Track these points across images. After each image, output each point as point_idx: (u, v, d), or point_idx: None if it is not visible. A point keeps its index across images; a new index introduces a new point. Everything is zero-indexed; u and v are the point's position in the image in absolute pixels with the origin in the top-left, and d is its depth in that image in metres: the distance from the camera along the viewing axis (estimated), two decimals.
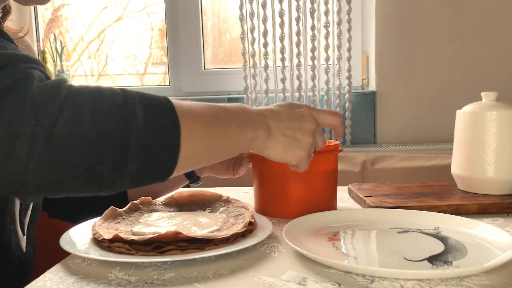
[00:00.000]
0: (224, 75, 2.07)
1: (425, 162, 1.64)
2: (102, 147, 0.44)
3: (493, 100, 0.86)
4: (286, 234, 0.61)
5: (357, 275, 0.52)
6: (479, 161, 0.83)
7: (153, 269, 0.55)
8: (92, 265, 0.58)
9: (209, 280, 0.52)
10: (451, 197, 0.82)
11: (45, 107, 0.43)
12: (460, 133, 0.87)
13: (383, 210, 0.75)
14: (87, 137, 0.44)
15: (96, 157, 0.44)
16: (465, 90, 1.84)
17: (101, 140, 0.44)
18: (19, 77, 0.45)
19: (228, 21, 2.15)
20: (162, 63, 2.22)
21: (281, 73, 1.86)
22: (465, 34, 1.86)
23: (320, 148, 0.66)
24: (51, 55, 2.11)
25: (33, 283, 0.53)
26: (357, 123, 1.91)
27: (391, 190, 0.88)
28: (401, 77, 1.90)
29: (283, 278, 0.52)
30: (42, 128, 0.42)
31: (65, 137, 0.43)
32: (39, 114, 0.43)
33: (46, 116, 0.43)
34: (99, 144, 0.44)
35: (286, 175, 0.76)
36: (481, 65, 1.86)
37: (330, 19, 1.83)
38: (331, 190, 0.80)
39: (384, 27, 1.88)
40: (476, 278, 0.50)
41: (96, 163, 0.45)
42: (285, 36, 1.84)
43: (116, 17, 2.22)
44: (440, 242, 0.61)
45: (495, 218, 0.75)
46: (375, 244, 0.64)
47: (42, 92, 0.44)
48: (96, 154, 0.44)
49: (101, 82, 2.26)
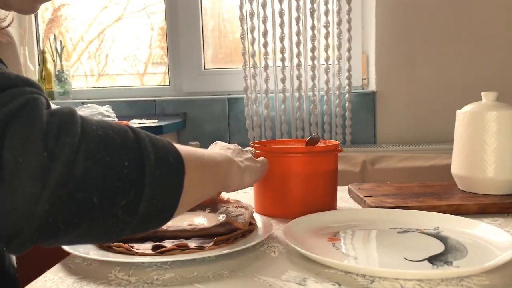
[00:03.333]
0: (224, 75, 2.07)
1: (425, 162, 1.64)
2: (120, 183, 0.40)
3: (493, 100, 0.86)
4: (286, 234, 0.61)
5: (357, 275, 0.52)
6: (479, 161, 0.83)
7: (153, 269, 0.55)
8: (92, 265, 0.58)
9: (209, 280, 0.52)
10: (451, 197, 0.82)
11: (59, 137, 0.38)
12: (460, 133, 0.87)
13: (383, 210, 0.75)
14: (105, 173, 0.39)
15: (113, 196, 0.40)
16: (465, 90, 1.84)
17: (119, 176, 0.40)
18: (27, 101, 0.38)
19: (228, 21, 2.15)
20: (162, 63, 2.22)
21: (281, 73, 1.86)
22: (465, 34, 1.86)
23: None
24: (51, 55, 2.11)
25: (33, 283, 0.53)
26: (357, 123, 1.91)
27: (391, 190, 0.88)
28: (401, 77, 1.90)
29: (283, 278, 0.52)
30: (57, 162, 0.37)
31: (84, 173, 0.38)
32: (52, 145, 0.37)
33: (61, 149, 0.37)
34: (118, 180, 0.40)
35: (286, 175, 0.76)
36: (481, 65, 1.86)
37: (330, 19, 1.83)
38: (331, 190, 0.80)
39: (384, 27, 1.88)
40: (476, 278, 0.50)
41: (113, 203, 0.40)
42: (285, 36, 1.84)
43: (116, 17, 2.22)
44: (440, 242, 0.61)
45: (495, 218, 0.75)
46: (375, 244, 0.64)
47: (54, 120, 0.38)
48: (114, 192, 0.40)
49: (101, 82, 2.26)
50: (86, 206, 0.39)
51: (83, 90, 2.20)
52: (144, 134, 0.45)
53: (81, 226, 0.40)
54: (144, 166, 0.42)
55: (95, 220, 0.40)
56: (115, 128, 0.43)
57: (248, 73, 1.87)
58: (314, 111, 1.86)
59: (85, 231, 0.41)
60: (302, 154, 0.77)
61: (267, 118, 1.88)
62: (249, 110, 1.89)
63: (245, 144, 0.79)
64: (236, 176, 0.62)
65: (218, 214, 0.73)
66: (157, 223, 0.47)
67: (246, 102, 1.88)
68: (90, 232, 0.41)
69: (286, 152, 0.78)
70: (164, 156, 0.45)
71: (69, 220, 0.39)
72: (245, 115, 1.90)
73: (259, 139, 1.89)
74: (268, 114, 1.87)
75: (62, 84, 2.09)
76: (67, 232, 0.39)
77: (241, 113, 1.94)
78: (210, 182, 0.55)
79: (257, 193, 0.81)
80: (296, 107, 1.87)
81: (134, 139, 0.43)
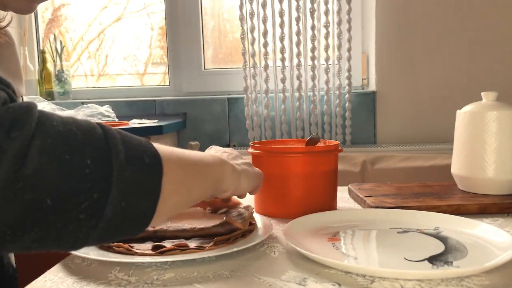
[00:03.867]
0: (224, 75, 2.07)
1: (425, 162, 1.64)
2: (80, 184, 0.36)
3: (493, 100, 0.86)
4: (286, 234, 0.61)
5: (357, 275, 0.52)
6: (479, 161, 0.83)
7: (153, 269, 0.55)
8: (92, 265, 0.58)
9: (209, 280, 0.52)
10: (451, 197, 0.82)
11: (10, 132, 0.34)
12: (460, 133, 0.87)
13: (383, 210, 0.75)
14: (63, 173, 0.36)
15: (72, 197, 0.36)
16: (465, 90, 1.84)
17: (80, 176, 0.36)
18: None
19: (228, 21, 2.15)
20: (162, 63, 2.22)
21: (281, 73, 1.86)
22: (465, 34, 1.86)
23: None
24: (51, 55, 2.11)
25: (33, 283, 0.53)
26: (357, 123, 1.91)
27: (391, 190, 0.88)
28: (401, 77, 1.90)
29: (283, 278, 0.52)
30: (4, 158, 0.33)
31: (37, 171, 0.34)
32: (1, 140, 0.33)
33: (10, 144, 0.34)
34: (77, 180, 0.36)
35: (286, 175, 0.76)
36: (481, 65, 1.86)
37: (330, 19, 1.83)
38: (331, 190, 0.80)
39: (384, 27, 1.88)
40: (476, 278, 0.50)
41: (72, 206, 0.36)
42: (285, 36, 1.84)
43: (116, 17, 2.22)
44: (440, 242, 0.61)
45: (495, 218, 0.75)
46: (375, 244, 0.64)
47: (7, 115, 0.35)
48: (73, 193, 0.36)
49: (101, 82, 2.26)
50: (38, 209, 0.35)
51: (83, 90, 2.20)
52: (115, 132, 0.41)
53: (34, 230, 0.35)
54: (111, 165, 0.38)
55: (51, 224, 0.36)
56: (81, 124, 0.39)
57: (248, 73, 1.87)
58: (314, 111, 1.86)
59: (41, 236, 0.36)
60: (302, 154, 0.77)
61: (267, 118, 1.88)
62: (249, 110, 1.89)
63: (245, 144, 0.79)
64: (231, 179, 0.58)
65: (218, 214, 0.73)
66: (133, 229, 0.42)
67: (246, 102, 1.88)
68: (48, 237, 0.37)
69: (286, 152, 0.78)
70: (138, 155, 0.41)
71: (17, 224, 0.35)
72: (245, 115, 1.90)
73: (259, 139, 1.89)
74: (268, 114, 1.87)
75: (62, 84, 2.09)
76: (16, 237, 0.35)
77: (241, 113, 1.94)
78: (198, 185, 0.51)
79: (257, 193, 0.81)
80: (296, 107, 1.87)
81: (101, 136, 0.39)
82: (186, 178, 0.48)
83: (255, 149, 0.79)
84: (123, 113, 1.97)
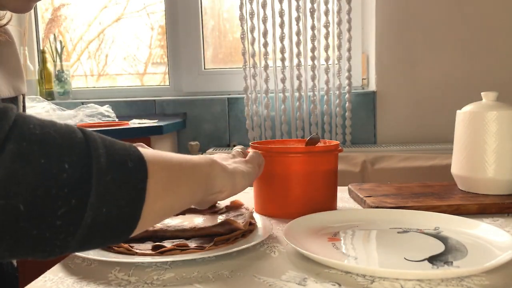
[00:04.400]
0: (224, 75, 2.07)
1: (425, 162, 1.64)
2: (57, 190, 0.35)
3: (493, 100, 0.86)
4: (286, 234, 0.61)
5: (357, 275, 0.52)
6: (479, 161, 0.83)
7: (153, 269, 0.55)
8: (92, 265, 0.58)
9: (209, 280, 0.52)
10: (451, 197, 0.82)
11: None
12: (460, 133, 0.87)
13: (383, 210, 0.75)
14: (37, 177, 0.34)
15: (47, 203, 0.34)
16: (465, 90, 1.85)
17: (56, 181, 0.35)
18: None
19: (228, 21, 2.15)
20: (162, 63, 2.22)
21: (281, 73, 1.86)
22: (465, 34, 1.86)
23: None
24: (51, 55, 2.11)
25: (33, 283, 0.52)
26: (357, 123, 1.91)
27: (391, 190, 0.88)
28: (401, 77, 1.90)
29: (283, 278, 0.52)
30: None
31: (9, 176, 0.33)
32: None
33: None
34: (54, 186, 0.35)
35: (286, 175, 0.76)
36: (481, 65, 1.87)
37: (330, 19, 1.83)
38: (331, 190, 0.80)
39: (384, 27, 1.88)
40: (476, 278, 0.50)
41: (47, 212, 0.35)
42: (285, 36, 1.84)
43: (116, 17, 2.22)
44: (440, 242, 0.61)
45: (495, 218, 0.75)
46: (375, 244, 0.64)
47: None
48: (49, 198, 0.35)
49: (101, 82, 2.26)
50: (10, 215, 0.33)
51: (83, 90, 2.20)
52: (96, 136, 0.39)
53: (5, 238, 0.34)
54: (91, 169, 0.37)
55: (25, 231, 0.34)
56: (60, 128, 0.37)
57: (248, 73, 1.87)
58: (314, 111, 1.86)
59: (15, 244, 0.35)
60: (302, 154, 0.77)
61: (267, 118, 1.88)
62: (249, 110, 1.89)
63: (245, 144, 0.79)
64: (222, 179, 0.56)
65: (218, 214, 0.73)
66: (117, 235, 0.41)
67: (246, 102, 1.88)
68: (23, 244, 0.35)
69: (286, 152, 0.78)
70: (120, 160, 0.39)
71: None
72: (245, 115, 1.90)
73: (259, 139, 1.89)
74: (268, 114, 1.87)
75: (62, 84, 2.09)
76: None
77: (241, 113, 1.94)
78: (186, 186, 0.49)
79: (257, 193, 0.81)
80: (296, 107, 1.87)
81: (81, 140, 0.38)
82: (173, 179, 0.46)
83: (255, 149, 0.79)
84: (123, 113, 1.98)
